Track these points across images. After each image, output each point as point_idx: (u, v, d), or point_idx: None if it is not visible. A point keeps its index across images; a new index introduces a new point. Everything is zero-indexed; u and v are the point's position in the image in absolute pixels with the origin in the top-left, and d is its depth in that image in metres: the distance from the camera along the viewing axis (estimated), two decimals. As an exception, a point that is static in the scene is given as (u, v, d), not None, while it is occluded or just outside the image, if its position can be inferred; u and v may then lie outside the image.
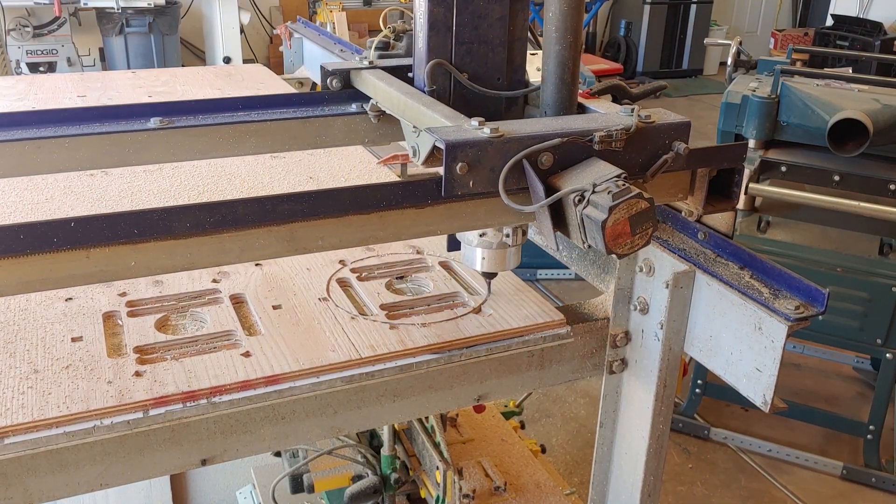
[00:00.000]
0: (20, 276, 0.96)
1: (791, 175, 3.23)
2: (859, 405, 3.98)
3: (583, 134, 1.14)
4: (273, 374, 1.22)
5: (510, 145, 1.10)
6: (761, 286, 1.26)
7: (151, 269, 1.03)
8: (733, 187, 1.34)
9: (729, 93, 3.35)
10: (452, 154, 1.07)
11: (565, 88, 1.28)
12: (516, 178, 1.12)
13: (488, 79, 1.38)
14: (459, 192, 1.09)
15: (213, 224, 1.03)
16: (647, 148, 1.19)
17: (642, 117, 1.19)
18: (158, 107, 1.45)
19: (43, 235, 0.95)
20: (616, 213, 1.05)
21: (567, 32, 1.24)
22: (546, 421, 3.83)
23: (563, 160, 1.14)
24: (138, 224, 0.99)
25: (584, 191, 1.08)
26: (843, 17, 8.56)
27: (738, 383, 1.27)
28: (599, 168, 1.12)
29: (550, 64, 1.27)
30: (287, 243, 1.09)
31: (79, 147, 1.35)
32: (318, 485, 2.13)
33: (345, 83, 1.56)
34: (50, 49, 7.14)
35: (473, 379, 1.33)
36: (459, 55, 1.36)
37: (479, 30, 1.35)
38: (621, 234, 1.07)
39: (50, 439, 1.08)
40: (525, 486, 2.10)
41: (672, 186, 1.34)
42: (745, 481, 3.51)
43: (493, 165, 1.10)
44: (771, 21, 12.46)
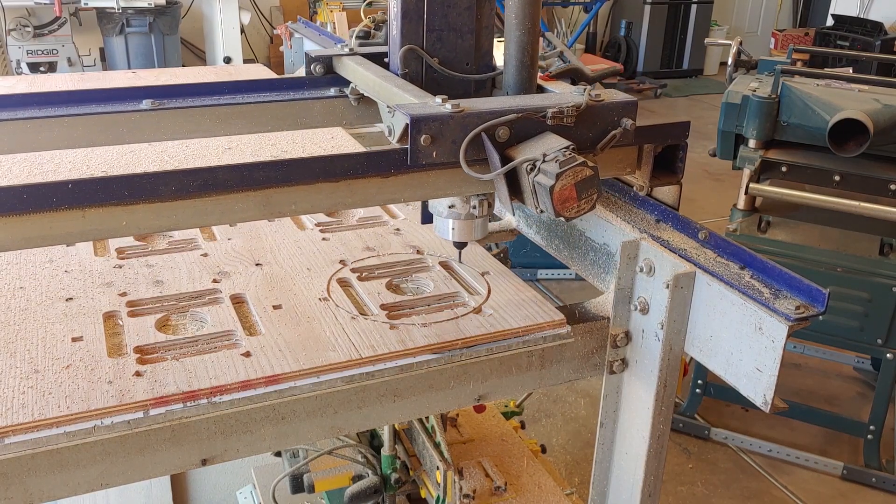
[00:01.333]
0: (23, 233, 1.06)
1: (791, 175, 3.23)
2: (860, 405, 3.98)
3: (537, 110, 1.26)
4: (273, 374, 1.22)
5: (470, 119, 1.21)
6: (762, 286, 1.26)
7: (140, 228, 1.13)
8: (677, 162, 1.46)
9: (729, 93, 3.35)
10: (417, 127, 1.18)
11: (524, 70, 1.40)
12: (476, 150, 1.23)
13: (458, 63, 1.50)
14: (424, 161, 1.21)
15: (196, 188, 1.12)
16: (597, 124, 1.31)
17: (593, 96, 1.30)
18: (150, 90, 1.56)
19: (43, 195, 1.04)
20: (563, 179, 1.17)
21: (526, 19, 1.36)
22: (546, 421, 3.83)
23: (519, 134, 1.25)
24: (128, 186, 1.09)
25: (535, 160, 1.20)
26: (843, 17, 8.56)
27: (739, 383, 1.27)
28: (551, 141, 1.24)
29: (511, 48, 1.39)
30: (263, 207, 1.18)
31: (76, 126, 1.46)
32: (318, 485, 2.13)
33: (327, 69, 1.69)
34: (50, 49, 7.14)
35: (474, 379, 1.33)
36: (430, 41, 1.47)
37: (449, 18, 1.46)
38: (568, 198, 1.19)
39: (50, 439, 1.08)
40: (525, 486, 2.10)
41: (621, 161, 1.46)
42: (745, 481, 3.51)
43: (455, 138, 1.21)
44: (771, 21, 12.46)
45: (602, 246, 1.53)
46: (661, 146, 1.45)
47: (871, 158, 3.12)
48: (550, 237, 1.70)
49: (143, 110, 1.51)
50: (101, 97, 1.52)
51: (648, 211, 1.52)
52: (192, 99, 1.57)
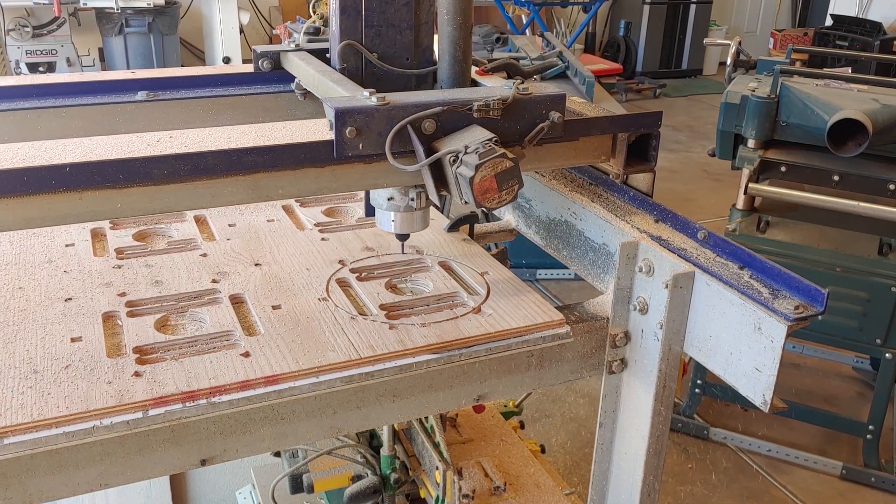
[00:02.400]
0: (23, 214, 1.10)
1: (790, 175, 3.23)
2: (859, 405, 3.98)
3: (463, 103, 1.28)
4: (272, 374, 1.22)
5: (395, 112, 1.24)
6: (761, 286, 1.26)
7: (135, 210, 1.17)
8: (650, 151, 1.50)
9: (728, 93, 3.35)
10: (342, 119, 1.21)
11: (457, 65, 1.43)
12: (404, 142, 1.26)
13: (398, 59, 1.52)
14: (350, 153, 1.23)
15: (188, 172, 1.16)
16: (524, 117, 1.33)
17: (521, 90, 1.32)
18: (145, 82, 1.63)
19: (42, 178, 1.08)
20: (482, 170, 1.20)
21: (457, 14, 1.39)
22: (546, 421, 3.83)
23: (446, 127, 1.28)
24: (123, 170, 1.13)
25: (458, 152, 1.23)
26: (842, 17, 8.56)
27: (738, 383, 1.27)
28: (475, 133, 1.26)
29: (444, 43, 1.43)
30: (252, 191, 1.23)
31: (74, 116, 1.51)
32: (317, 485, 2.13)
33: (275, 65, 1.73)
34: (49, 49, 7.13)
35: (473, 379, 1.33)
36: (369, 37, 1.49)
37: (387, 14, 1.48)
38: (489, 189, 1.21)
39: (49, 439, 1.08)
40: (525, 486, 2.10)
41: (596, 149, 1.50)
42: (744, 481, 3.51)
43: (381, 130, 1.24)
44: (770, 21, 12.46)
45: (601, 246, 1.53)
46: (634, 135, 1.49)
47: (870, 158, 3.11)
48: (550, 237, 1.70)
49: (138, 101, 1.57)
50: (98, 88, 1.58)
51: (647, 211, 1.52)
52: (185, 91, 1.65)
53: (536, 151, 1.41)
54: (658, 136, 1.49)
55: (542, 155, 1.43)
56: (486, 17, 10.36)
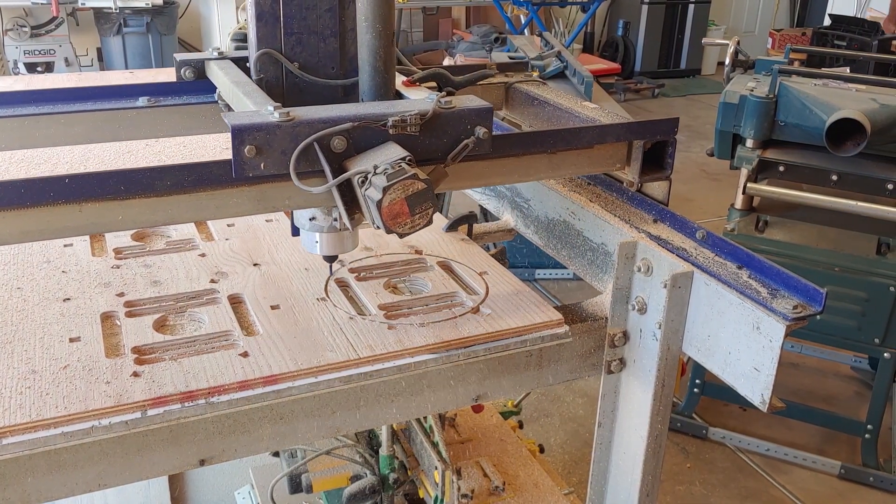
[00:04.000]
0: (21, 227, 1.07)
1: (789, 175, 3.24)
2: (857, 405, 3.98)
3: (376, 118, 1.19)
4: (271, 375, 1.22)
5: (300, 129, 1.14)
6: (759, 286, 1.26)
7: (137, 222, 1.13)
8: (666, 158, 1.46)
9: (727, 92, 3.35)
10: (240, 137, 1.11)
11: (378, 76, 1.32)
12: (311, 162, 1.17)
13: (322, 68, 1.42)
14: (250, 174, 1.14)
15: (192, 182, 1.12)
16: (447, 133, 1.23)
17: (442, 103, 1.22)
18: (146, 87, 1.57)
19: (41, 190, 1.05)
20: (391, 193, 1.11)
21: (376, 21, 1.27)
22: (544, 421, 3.83)
23: (358, 144, 1.19)
24: (125, 181, 1.09)
25: (367, 172, 1.14)
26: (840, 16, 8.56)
27: (737, 383, 1.27)
28: (390, 151, 1.17)
29: (363, 52, 1.31)
30: (258, 202, 1.18)
31: (73, 123, 1.47)
32: (316, 485, 2.13)
33: (199, 73, 1.62)
34: (47, 49, 7.13)
35: (472, 379, 1.33)
36: (290, 45, 1.40)
37: (308, 20, 1.39)
38: (399, 213, 1.13)
39: (48, 440, 1.08)
40: (523, 485, 2.10)
41: (611, 157, 1.46)
42: (743, 481, 3.51)
43: (284, 148, 1.14)
44: (769, 21, 12.47)
45: (600, 246, 1.53)
46: (650, 142, 1.45)
47: (869, 158, 3.12)
48: (548, 237, 1.70)
49: (139, 108, 1.52)
50: (98, 94, 1.53)
51: (646, 210, 1.52)
52: (186, 96, 1.59)
53: (550, 160, 1.39)
54: (674, 143, 1.45)
55: (557, 163, 1.40)
56: (485, 16, 10.37)
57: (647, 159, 1.46)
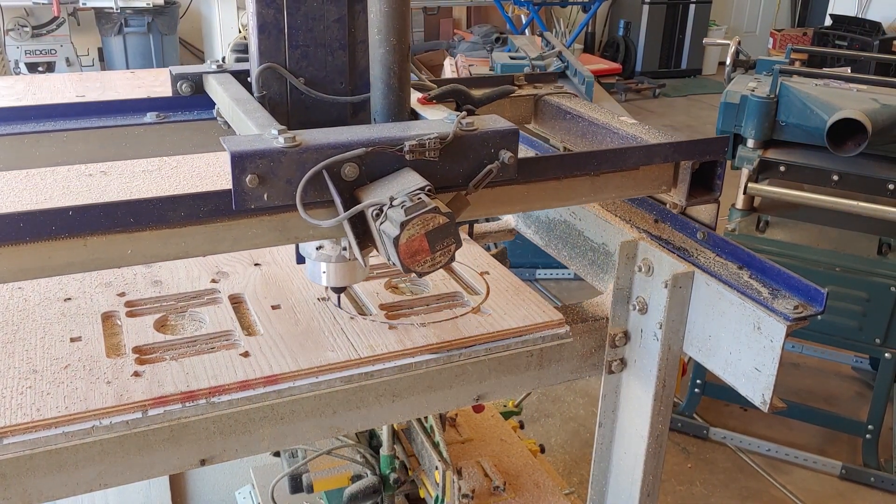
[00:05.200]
0: (19, 264, 0.98)
1: (790, 175, 3.24)
2: (858, 405, 3.98)
3: (392, 143, 1.07)
4: (272, 374, 1.22)
5: (307, 155, 1.04)
6: (760, 286, 1.26)
7: (147, 257, 1.04)
8: (715, 179, 1.36)
9: (728, 93, 3.35)
10: (240, 165, 1.01)
11: (392, 94, 1.20)
12: (321, 191, 1.06)
13: (329, 83, 1.31)
14: (252, 205, 1.04)
15: (207, 213, 1.04)
16: (469, 157, 1.13)
17: (464, 125, 1.12)
18: (154, 102, 1.46)
19: (41, 223, 0.96)
20: (410, 228, 1.00)
21: (390, 34, 1.16)
22: (545, 421, 3.83)
23: (372, 171, 1.08)
24: (134, 213, 1.01)
25: (382, 204, 1.03)
26: (841, 16, 8.56)
27: (737, 383, 1.27)
28: (407, 180, 1.06)
29: (376, 69, 1.19)
30: (279, 233, 1.10)
31: (76, 141, 1.37)
32: (317, 485, 2.13)
33: (196, 87, 1.50)
34: (48, 49, 7.13)
35: (472, 379, 1.33)
36: (294, 59, 1.29)
37: (315, 32, 1.28)
38: (419, 251, 1.02)
39: (49, 439, 1.08)
40: (524, 485, 2.10)
41: (656, 178, 1.36)
42: (744, 481, 3.51)
43: (290, 177, 1.04)
44: (770, 21, 12.46)
45: (600, 246, 1.53)
46: (698, 162, 1.34)
47: (870, 158, 3.12)
48: (549, 237, 1.70)
49: (147, 124, 1.42)
50: (103, 110, 1.43)
51: (647, 210, 1.52)
52: (198, 111, 1.48)
53: (593, 183, 1.28)
54: (724, 163, 1.35)
55: (600, 186, 1.30)
56: (486, 16, 10.37)
57: (694, 180, 1.37)
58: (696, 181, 1.37)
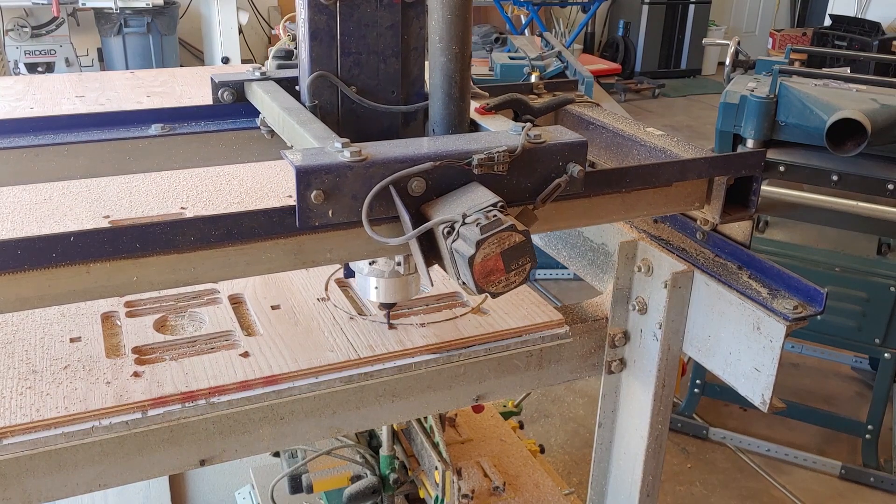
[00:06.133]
0: (17, 293, 0.93)
1: (789, 175, 3.23)
2: (858, 405, 3.98)
3: (460, 156, 1.04)
4: (272, 375, 1.22)
5: (374, 170, 1.00)
6: (760, 286, 1.26)
7: (154, 284, 1.00)
8: (751, 195, 1.29)
9: (727, 93, 3.35)
10: (305, 181, 0.97)
11: (453, 104, 1.17)
12: (386, 206, 1.03)
13: (381, 92, 1.28)
14: (316, 222, 1.00)
15: (218, 237, 1.00)
16: (537, 171, 1.09)
17: (531, 137, 1.08)
18: (159, 113, 1.41)
19: (41, 250, 0.92)
20: (485, 247, 0.96)
21: (452, 43, 1.13)
22: (545, 421, 3.83)
23: (438, 186, 1.04)
24: (141, 238, 0.96)
25: (453, 222, 0.99)
26: (841, 17, 8.56)
27: (737, 383, 1.27)
28: (476, 195, 1.02)
29: (436, 78, 1.16)
30: (294, 256, 1.05)
31: (77, 154, 1.33)
32: (316, 485, 2.13)
33: (238, 96, 1.46)
34: (48, 49, 7.13)
35: (472, 379, 1.33)
36: (346, 67, 1.25)
37: (368, 39, 1.25)
38: (493, 270, 0.98)
39: (48, 440, 1.08)
40: (524, 486, 2.10)
41: (689, 195, 1.30)
42: (743, 481, 3.51)
43: (356, 193, 1.00)
44: (769, 21, 12.47)
45: (600, 246, 1.53)
46: (733, 178, 1.29)
47: (869, 158, 3.12)
48: (549, 237, 1.70)
49: (151, 136, 1.37)
50: (106, 121, 1.39)
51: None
52: (205, 123, 1.43)
53: (624, 200, 1.23)
54: (760, 178, 1.28)
55: (631, 203, 1.25)
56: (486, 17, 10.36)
57: (728, 196, 1.32)
58: (729, 197, 1.31)
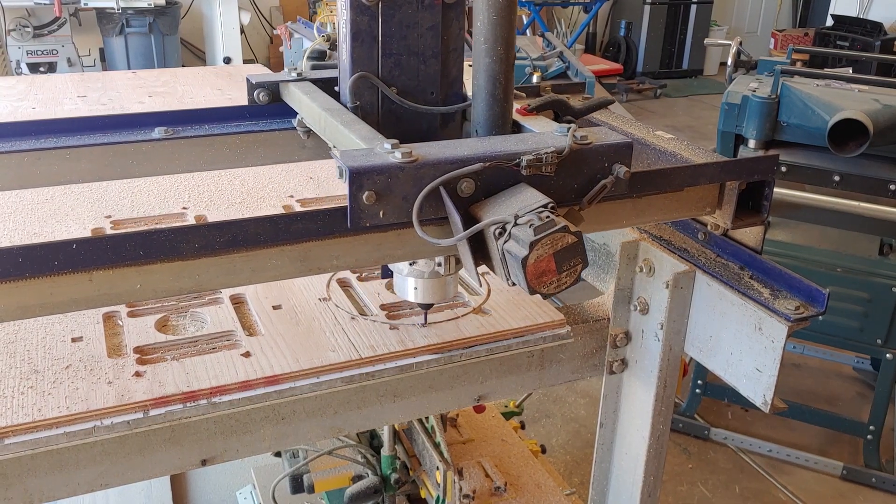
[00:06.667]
0: (18, 301, 0.92)
1: (791, 175, 3.23)
2: (859, 405, 3.98)
3: (509, 157, 1.04)
4: (273, 375, 1.22)
5: (425, 171, 1.01)
6: (761, 286, 1.26)
7: (158, 291, 0.99)
8: (763, 200, 1.29)
9: (729, 93, 3.35)
10: (358, 182, 0.98)
11: (497, 105, 1.18)
12: (435, 207, 1.03)
13: (420, 93, 1.29)
14: (367, 223, 1.01)
15: (223, 244, 0.99)
16: (583, 172, 1.09)
17: (577, 138, 1.09)
18: (162, 116, 1.41)
19: (43, 258, 0.90)
20: (538, 248, 0.96)
21: (497, 44, 1.14)
22: (546, 421, 3.83)
23: (487, 187, 1.05)
24: (144, 245, 0.95)
25: (505, 222, 0.99)
26: (843, 17, 8.56)
27: (739, 383, 1.27)
28: (526, 196, 1.03)
29: (480, 79, 1.17)
30: (300, 263, 1.05)
31: (80, 158, 1.32)
32: (318, 485, 2.13)
33: (274, 96, 1.47)
34: (50, 49, 7.14)
35: (473, 379, 1.33)
36: (387, 68, 1.26)
37: (409, 40, 1.25)
38: (546, 271, 0.98)
39: (50, 439, 1.08)
40: (525, 486, 2.10)
41: (700, 200, 1.29)
42: (745, 481, 3.51)
43: (406, 193, 1.01)
44: (771, 21, 12.46)
45: (601, 246, 1.53)
46: (745, 183, 1.28)
47: (871, 159, 3.12)
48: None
49: (154, 140, 1.36)
50: (108, 124, 1.37)
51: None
52: (209, 126, 1.43)
53: (635, 205, 1.22)
54: (772, 183, 1.27)
55: (642, 209, 1.24)
56: (487, 17, 10.33)
57: (739, 201, 1.31)
58: (740, 202, 1.31)
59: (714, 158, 1.28)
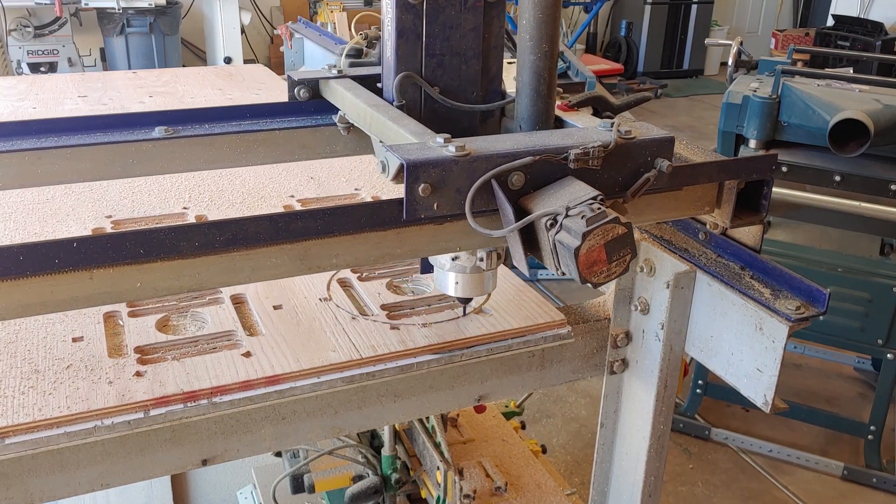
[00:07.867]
0: (19, 300, 0.92)
1: (792, 175, 3.23)
2: (860, 406, 3.97)
3: (557, 151, 1.08)
4: (274, 375, 1.22)
5: (477, 164, 1.04)
6: (762, 286, 1.26)
7: (158, 290, 0.99)
8: (762, 200, 1.30)
9: (730, 93, 3.35)
10: (414, 175, 1.01)
11: (541, 101, 1.22)
12: (486, 199, 1.07)
13: (462, 92, 1.32)
14: (423, 215, 1.04)
15: (224, 243, 0.99)
16: (627, 165, 1.13)
17: (622, 132, 1.12)
18: (163, 115, 1.41)
19: (43, 256, 0.91)
20: (591, 239, 0.99)
21: (542, 41, 1.17)
22: (547, 421, 3.83)
23: (535, 180, 1.08)
24: (144, 244, 0.95)
25: (556, 214, 1.02)
26: (843, 17, 8.56)
27: (739, 383, 1.27)
28: (575, 189, 1.06)
29: (525, 75, 1.21)
30: (300, 262, 1.06)
31: (80, 158, 1.32)
32: (318, 485, 2.13)
33: (313, 93, 1.49)
34: (51, 49, 7.14)
35: (474, 379, 1.33)
36: (430, 67, 1.29)
37: (451, 41, 1.28)
38: (597, 261, 1.01)
39: (51, 439, 1.08)
40: (526, 486, 2.10)
41: (699, 199, 1.30)
42: (745, 482, 3.51)
43: (460, 186, 1.04)
44: (772, 21, 12.46)
45: (602, 246, 1.53)
46: (744, 182, 1.29)
47: (872, 159, 3.11)
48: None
49: (155, 139, 1.36)
50: (109, 124, 1.37)
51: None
52: (209, 125, 1.43)
53: (634, 205, 1.23)
54: (771, 182, 1.29)
55: (640, 208, 1.24)
56: (488, 17, 10.34)
57: (738, 201, 1.32)
58: (739, 201, 1.32)
59: (713, 158, 1.29)
